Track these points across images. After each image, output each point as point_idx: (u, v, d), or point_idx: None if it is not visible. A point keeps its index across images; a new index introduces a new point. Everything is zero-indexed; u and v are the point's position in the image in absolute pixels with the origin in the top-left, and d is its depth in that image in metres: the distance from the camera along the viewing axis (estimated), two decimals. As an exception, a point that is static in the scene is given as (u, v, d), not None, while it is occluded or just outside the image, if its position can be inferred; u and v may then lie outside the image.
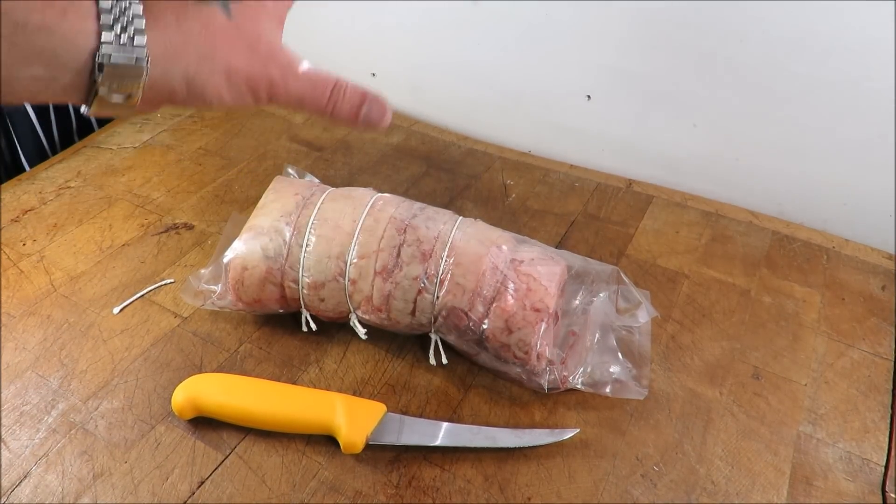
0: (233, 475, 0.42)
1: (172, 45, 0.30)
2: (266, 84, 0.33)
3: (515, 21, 0.69)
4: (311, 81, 0.34)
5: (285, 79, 0.33)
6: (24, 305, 0.53)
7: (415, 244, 0.45)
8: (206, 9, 0.31)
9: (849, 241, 0.62)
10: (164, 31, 0.30)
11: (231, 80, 0.32)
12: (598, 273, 0.50)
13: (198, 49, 0.31)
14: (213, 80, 0.31)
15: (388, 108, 0.36)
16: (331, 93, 0.34)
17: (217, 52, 0.31)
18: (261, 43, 0.33)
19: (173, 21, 0.30)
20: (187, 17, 0.30)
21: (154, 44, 0.29)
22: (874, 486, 0.42)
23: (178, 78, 0.31)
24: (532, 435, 0.44)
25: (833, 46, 0.56)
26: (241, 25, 0.32)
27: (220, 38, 0.31)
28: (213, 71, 0.31)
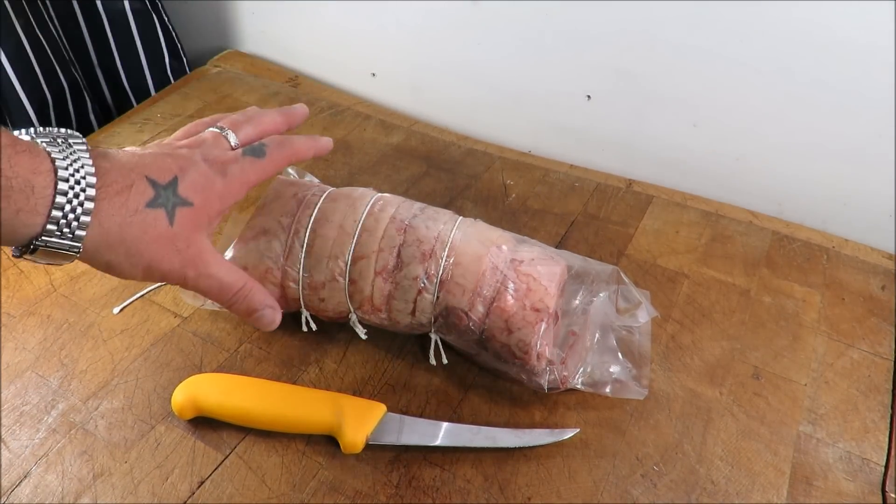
0: (233, 475, 0.42)
1: (106, 243, 0.33)
2: (179, 280, 0.37)
3: (515, 21, 0.69)
4: (219, 285, 0.38)
5: (197, 279, 0.37)
6: (24, 305, 0.53)
7: (415, 244, 0.45)
8: (153, 215, 0.34)
9: (849, 241, 0.62)
10: (105, 232, 0.32)
11: (148, 273, 0.35)
12: (598, 273, 0.50)
13: (128, 248, 0.34)
14: (131, 271, 0.35)
15: (275, 320, 0.42)
16: (232, 296, 0.39)
17: (145, 254, 0.34)
18: (189, 248, 0.36)
19: (116, 226, 0.33)
20: (132, 224, 0.33)
21: (91, 240, 0.32)
22: (874, 486, 0.42)
23: (100, 262, 0.34)
24: (532, 435, 0.44)
25: (833, 46, 0.56)
26: (179, 232, 0.35)
27: (154, 244, 0.34)
28: (135, 265, 0.35)
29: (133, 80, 0.84)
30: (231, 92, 0.81)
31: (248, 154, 0.40)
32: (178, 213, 0.35)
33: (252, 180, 0.40)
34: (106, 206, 0.32)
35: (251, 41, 0.91)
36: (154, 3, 0.81)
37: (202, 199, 0.36)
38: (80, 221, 0.31)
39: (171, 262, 0.36)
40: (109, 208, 0.32)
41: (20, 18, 0.68)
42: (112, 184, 0.33)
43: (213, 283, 0.38)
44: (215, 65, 0.89)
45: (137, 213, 0.33)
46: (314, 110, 0.78)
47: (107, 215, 0.32)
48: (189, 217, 0.36)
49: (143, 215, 0.34)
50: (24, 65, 0.69)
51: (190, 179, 0.36)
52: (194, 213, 0.36)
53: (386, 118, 0.78)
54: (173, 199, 0.35)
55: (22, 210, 0.30)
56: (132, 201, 0.33)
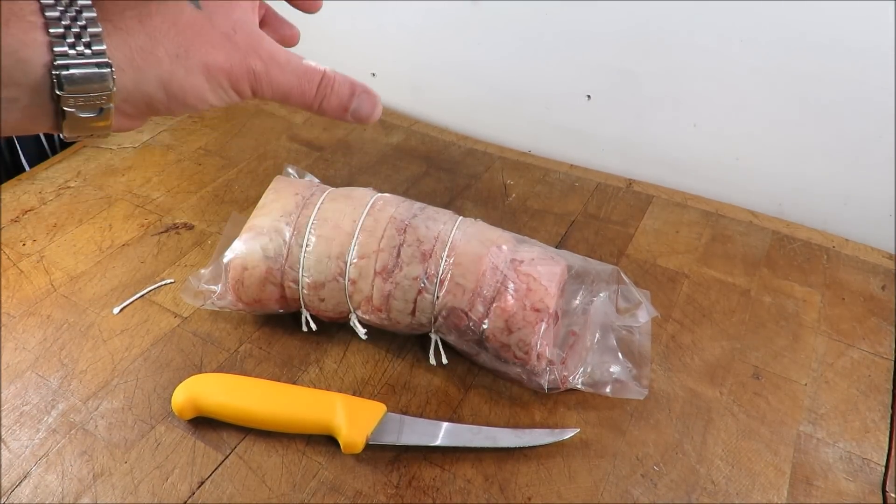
0: (233, 475, 0.42)
1: (139, 49, 0.27)
2: (249, 78, 0.30)
3: (515, 21, 0.69)
4: (298, 73, 0.32)
5: (269, 71, 0.31)
6: (24, 305, 0.53)
7: (415, 244, 0.45)
8: (172, 3, 0.28)
9: (849, 241, 0.62)
10: (127, 35, 0.27)
11: (211, 78, 0.29)
12: (598, 273, 0.50)
13: (168, 49, 0.28)
14: (191, 80, 0.29)
15: (377, 102, 0.34)
16: (318, 86, 0.32)
17: (191, 50, 0.28)
18: (237, 33, 0.30)
19: (135, 22, 0.27)
20: (151, 15, 0.28)
21: (117, 49, 0.27)
22: (874, 485, 0.42)
23: (152, 84, 0.28)
24: (532, 435, 0.44)
25: (833, 46, 0.56)
26: (214, 16, 0.29)
27: (192, 33, 0.28)
28: (190, 70, 0.29)
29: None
30: (231, 92, 0.81)
31: None
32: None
33: None
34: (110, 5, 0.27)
35: (251, 41, 0.91)
36: None
37: None
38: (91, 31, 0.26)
39: (228, 53, 0.29)
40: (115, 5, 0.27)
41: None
42: None
43: (290, 76, 0.31)
44: (215, 65, 0.88)
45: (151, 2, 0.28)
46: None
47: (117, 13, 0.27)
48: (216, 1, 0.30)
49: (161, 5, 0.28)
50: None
51: None
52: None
53: (386, 118, 0.78)
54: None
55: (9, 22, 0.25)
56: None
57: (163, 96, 0.29)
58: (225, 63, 0.30)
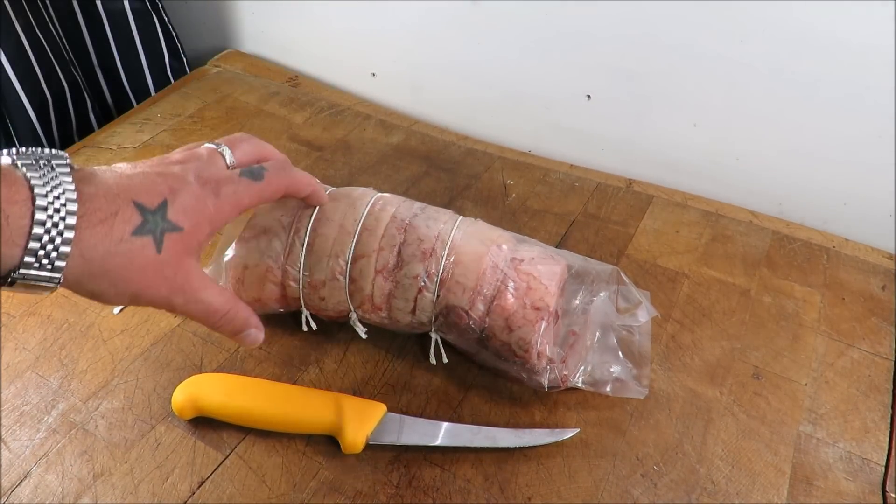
0: (233, 475, 0.42)
1: (88, 273, 0.31)
2: (166, 307, 0.36)
3: (515, 21, 0.69)
4: (206, 310, 0.37)
5: (185, 305, 0.36)
6: (24, 305, 0.53)
7: (415, 243, 0.45)
8: (140, 243, 0.32)
9: (849, 241, 0.62)
10: (87, 262, 0.31)
11: (134, 301, 0.34)
12: (598, 273, 0.50)
13: (112, 279, 0.32)
14: (117, 299, 0.33)
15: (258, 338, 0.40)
16: (218, 320, 0.38)
17: (131, 283, 0.33)
18: (177, 275, 0.35)
19: (99, 257, 0.31)
20: (116, 254, 0.31)
21: (71, 271, 0.30)
22: (874, 485, 0.42)
23: (84, 291, 0.32)
24: (532, 435, 0.44)
25: (833, 46, 0.56)
26: (167, 259, 0.34)
27: (139, 273, 0.33)
28: (120, 294, 0.33)
29: (133, 80, 0.84)
30: (231, 92, 0.81)
31: (245, 176, 0.38)
32: (167, 238, 0.33)
33: (245, 203, 0.38)
34: (88, 236, 0.30)
35: (251, 41, 0.91)
36: (154, 3, 0.81)
37: (193, 223, 0.35)
38: (60, 252, 0.29)
39: (159, 290, 0.34)
40: (92, 238, 0.30)
41: (20, 18, 0.68)
42: (96, 211, 0.31)
43: (200, 308, 0.37)
44: (215, 65, 0.89)
45: (123, 241, 0.32)
46: (314, 110, 0.78)
47: (89, 245, 0.30)
48: (178, 242, 0.34)
49: (129, 244, 0.32)
50: (24, 65, 0.69)
51: (180, 203, 0.34)
52: (183, 238, 0.34)
53: (386, 118, 0.78)
54: (162, 225, 0.33)
55: None
56: (117, 230, 0.31)
57: (86, 297, 0.33)
58: (152, 297, 0.35)
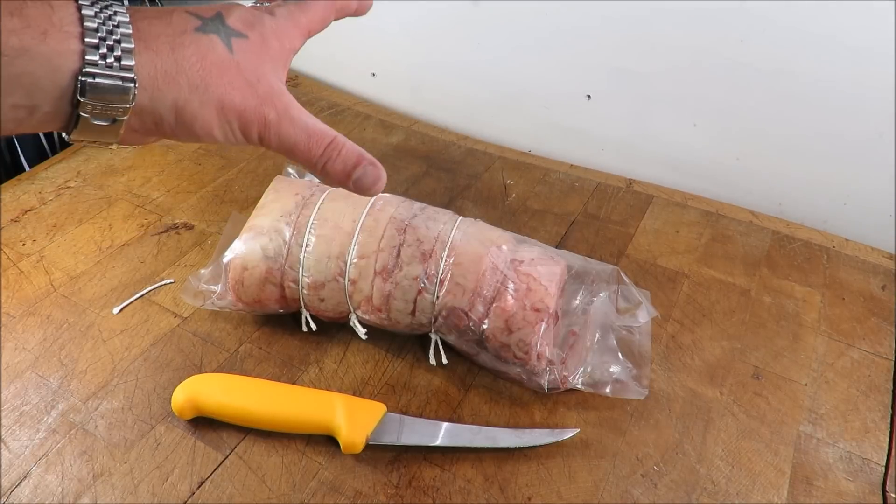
0: (233, 475, 0.42)
1: (163, 71, 0.28)
2: (259, 124, 0.31)
3: (515, 21, 0.69)
4: (308, 131, 0.32)
5: (280, 122, 0.32)
6: (24, 305, 0.53)
7: (415, 244, 0.45)
8: (206, 39, 0.30)
9: (849, 241, 0.62)
10: (156, 56, 0.28)
11: (223, 115, 0.30)
12: (598, 273, 0.50)
13: (190, 78, 0.29)
14: (203, 112, 0.30)
15: (381, 177, 0.34)
16: (325, 148, 0.32)
17: (211, 84, 0.30)
18: (260, 82, 0.31)
19: (167, 47, 0.29)
20: (183, 45, 0.29)
21: (143, 68, 0.28)
22: (874, 485, 0.42)
23: (167, 106, 0.29)
24: (532, 435, 0.44)
25: (833, 46, 0.56)
26: (242, 62, 0.31)
27: (217, 70, 0.30)
28: (205, 102, 0.30)
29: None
30: (231, 92, 0.81)
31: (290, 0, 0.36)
32: (235, 43, 0.30)
33: (303, 22, 0.35)
34: (147, 27, 0.28)
35: (251, 41, 0.91)
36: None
37: (257, 33, 0.32)
38: (123, 46, 0.27)
39: (245, 97, 0.30)
40: (152, 29, 0.28)
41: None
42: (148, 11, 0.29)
43: (300, 132, 0.32)
44: (215, 65, 0.89)
45: (187, 34, 0.29)
46: (314, 110, 0.78)
47: (151, 36, 0.28)
48: (249, 48, 0.31)
49: (196, 38, 0.29)
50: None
51: (237, 14, 0.32)
52: (252, 45, 0.31)
53: (386, 118, 0.78)
54: (224, 29, 0.30)
55: (48, 32, 0.25)
56: (177, 24, 0.29)
57: (172, 120, 0.30)
58: (240, 105, 0.30)
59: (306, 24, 0.36)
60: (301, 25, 0.35)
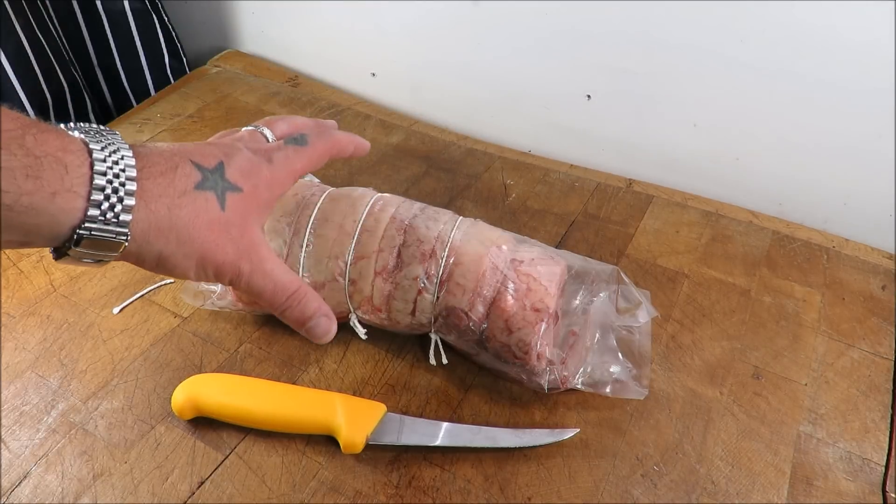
0: (233, 475, 0.42)
1: (156, 227, 0.30)
2: (233, 274, 0.34)
3: (515, 21, 0.69)
4: (274, 282, 0.35)
5: (252, 274, 0.34)
6: (24, 305, 0.53)
7: (415, 244, 0.45)
8: (202, 197, 0.32)
9: (849, 241, 0.62)
10: (152, 214, 0.30)
11: (201, 266, 0.33)
12: (598, 273, 0.50)
13: (179, 234, 0.31)
14: (184, 262, 0.32)
15: (332, 329, 0.38)
16: (287, 298, 0.36)
17: (197, 241, 0.32)
18: (243, 237, 0.34)
19: (165, 208, 0.30)
20: (181, 206, 0.31)
21: (138, 224, 0.29)
22: (874, 485, 0.42)
23: (151, 253, 0.31)
24: (532, 435, 0.44)
25: (833, 46, 0.56)
26: (231, 219, 0.33)
27: (207, 229, 0.32)
28: (188, 255, 0.32)
29: (133, 80, 0.84)
30: (231, 92, 0.81)
31: (291, 143, 0.38)
32: (229, 198, 0.33)
33: (298, 168, 0.38)
34: (150, 186, 0.30)
35: (251, 41, 0.91)
36: (154, 3, 0.81)
37: (251, 185, 0.34)
38: (125, 203, 0.28)
39: (226, 252, 0.33)
40: (155, 188, 0.30)
41: (20, 18, 0.68)
42: (154, 165, 0.30)
43: (267, 282, 0.35)
44: (215, 65, 0.89)
45: (186, 194, 0.31)
46: (314, 110, 0.78)
47: (153, 196, 0.30)
48: (240, 203, 0.33)
49: (193, 198, 0.31)
50: (24, 65, 0.69)
51: (236, 165, 0.34)
52: (244, 199, 0.34)
53: (386, 118, 0.78)
54: (222, 184, 0.32)
55: (58, 192, 0.27)
56: (179, 182, 0.31)
57: (153, 264, 0.32)
58: (220, 259, 0.33)
59: (300, 171, 0.38)
60: (295, 172, 0.38)
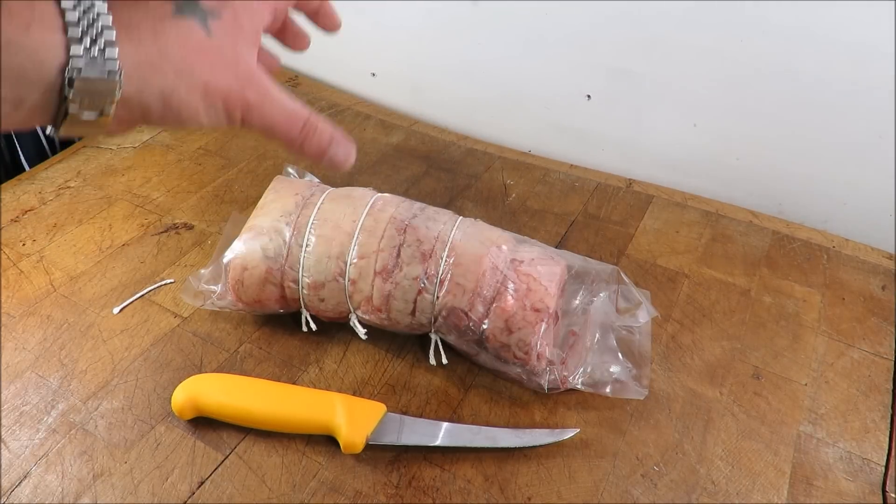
0: (233, 475, 0.42)
1: (147, 59, 0.29)
2: (242, 106, 0.32)
3: (515, 21, 0.69)
4: (286, 111, 0.34)
5: (261, 104, 0.33)
6: (24, 305, 0.53)
7: (415, 244, 0.45)
8: (185, 24, 0.30)
9: (849, 241, 0.62)
10: (139, 45, 0.29)
11: (208, 99, 0.31)
12: (598, 273, 0.50)
13: (175, 64, 0.30)
14: (189, 97, 0.31)
15: (351, 151, 0.36)
16: (303, 126, 0.34)
17: (195, 69, 0.30)
18: (239, 64, 0.32)
19: (149, 35, 0.29)
20: (164, 31, 0.29)
21: (127, 57, 0.28)
22: (874, 485, 0.42)
23: (153, 94, 0.29)
24: (532, 435, 0.44)
25: (833, 46, 0.56)
26: (221, 44, 0.31)
27: (199, 54, 0.30)
28: (191, 87, 0.30)
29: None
30: (231, 92, 0.81)
31: None
32: (212, 24, 0.31)
33: None
34: (127, 16, 0.28)
35: (251, 41, 0.91)
36: None
37: (229, 12, 0.32)
38: (106, 37, 0.27)
39: (228, 79, 0.31)
40: (132, 17, 0.29)
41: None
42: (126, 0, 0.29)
43: (278, 110, 0.33)
44: (215, 65, 0.89)
45: (167, 19, 0.29)
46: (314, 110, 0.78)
47: (133, 24, 0.28)
48: (224, 29, 0.32)
49: (175, 23, 0.30)
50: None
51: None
52: (227, 25, 0.32)
53: (386, 118, 0.78)
54: (199, 11, 0.31)
55: (31, 24, 0.26)
56: (154, 10, 0.29)
57: (160, 107, 0.30)
58: (224, 87, 0.31)
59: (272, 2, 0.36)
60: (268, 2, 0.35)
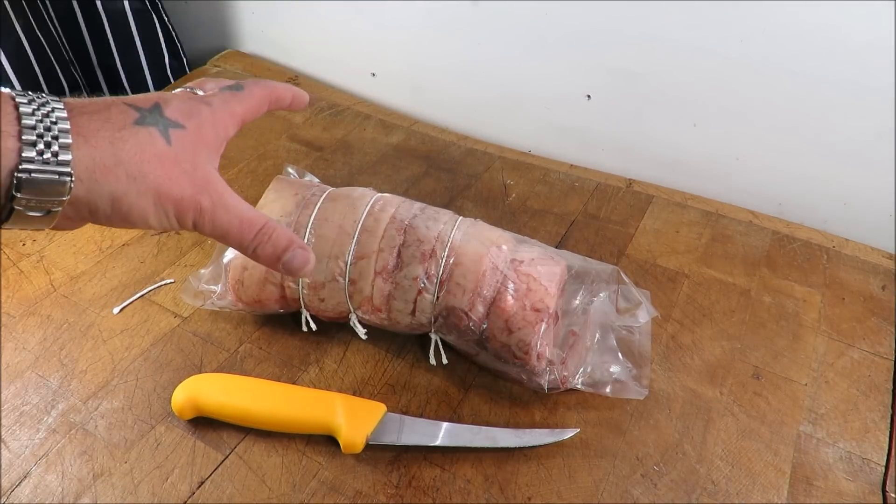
0: (233, 475, 0.42)
1: (101, 164, 0.29)
2: (194, 212, 0.32)
3: (515, 21, 0.69)
4: (241, 218, 0.33)
5: (214, 210, 0.32)
6: (24, 305, 0.53)
7: (415, 244, 0.45)
8: (145, 132, 0.30)
9: (849, 241, 0.62)
10: (94, 150, 0.29)
11: (159, 204, 0.31)
12: (598, 273, 0.50)
13: (129, 170, 0.29)
14: (140, 200, 0.30)
15: (310, 259, 0.36)
16: (256, 233, 0.34)
17: (149, 174, 0.30)
18: (196, 171, 0.32)
19: (106, 143, 0.29)
20: (123, 139, 0.29)
21: (81, 162, 0.28)
22: (874, 485, 0.42)
23: (103, 197, 0.29)
24: (532, 435, 0.44)
25: (833, 46, 0.56)
26: (180, 153, 0.31)
27: (155, 162, 0.30)
28: (142, 192, 0.30)
29: (133, 80, 0.84)
30: (231, 92, 0.81)
31: (226, 90, 0.37)
32: (173, 134, 0.31)
33: (238, 112, 0.36)
34: (86, 122, 0.28)
35: (251, 41, 0.91)
36: (154, 3, 0.81)
37: (194, 123, 0.32)
38: (61, 142, 0.27)
39: (182, 187, 0.31)
40: (91, 124, 0.28)
41: (20, 18, 0.68)
42: (86, 106, 0.29)
43: (232, 218, 0.33)
44: (215, 65, 0.89)
45: (126, 128, 0.29)
46: (314, 110, 0.78)
47: (90, 131, 0.28)
48: (186, 139, 0.32)
49: (135, 132, 0.30)
50: (24, 65, 0.69)
51: (174, 106, 0.32)
52: (190, 136, 0.32)
53: (386, 118, 0.78)
54: (163, 120, 0.31)
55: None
56: (116, 118, 0.29)
57: (108, 210, 0.30)
58: (177, 194, 0.31)
59: (241, 114, 0.37)
60: (236, 115, 0.36)
